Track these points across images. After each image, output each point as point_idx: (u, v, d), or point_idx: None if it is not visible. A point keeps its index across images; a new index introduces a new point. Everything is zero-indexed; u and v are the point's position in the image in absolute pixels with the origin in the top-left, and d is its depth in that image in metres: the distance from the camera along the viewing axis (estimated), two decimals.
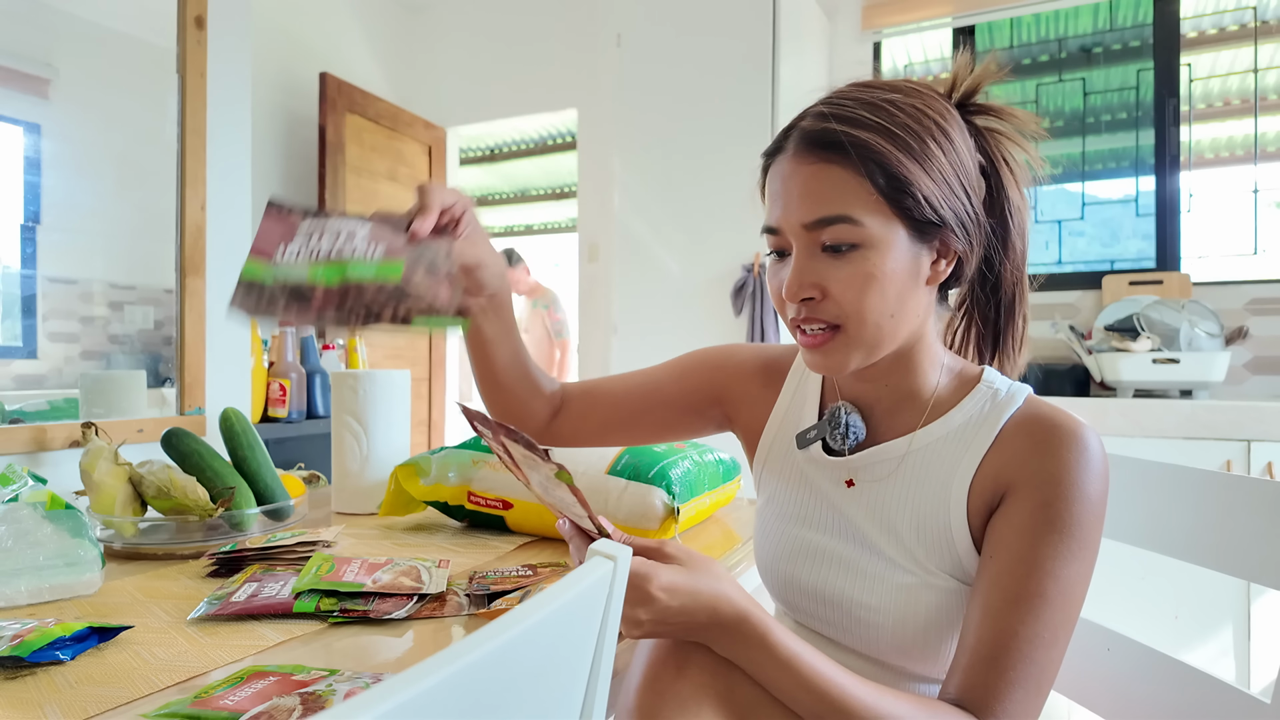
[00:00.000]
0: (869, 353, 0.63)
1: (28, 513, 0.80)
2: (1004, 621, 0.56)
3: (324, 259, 0.62)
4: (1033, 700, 0.55)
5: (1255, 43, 2.25)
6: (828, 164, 0.60)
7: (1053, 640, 0.56)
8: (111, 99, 1.39)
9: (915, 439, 0.66)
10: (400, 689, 0.26)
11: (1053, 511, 0.58)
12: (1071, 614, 0.58)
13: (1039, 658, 0.56)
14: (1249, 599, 1.66)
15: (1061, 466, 0.59)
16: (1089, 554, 0.59)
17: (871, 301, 0.60)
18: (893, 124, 0.59)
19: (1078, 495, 0.58)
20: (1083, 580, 0.58)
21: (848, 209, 0.59)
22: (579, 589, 0.38)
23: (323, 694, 0.54)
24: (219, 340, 1.51)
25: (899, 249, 0.60)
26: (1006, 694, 0.55)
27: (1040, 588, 0.57)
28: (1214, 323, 2.04)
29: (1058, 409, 0.63)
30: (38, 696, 0.56)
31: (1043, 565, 0.57)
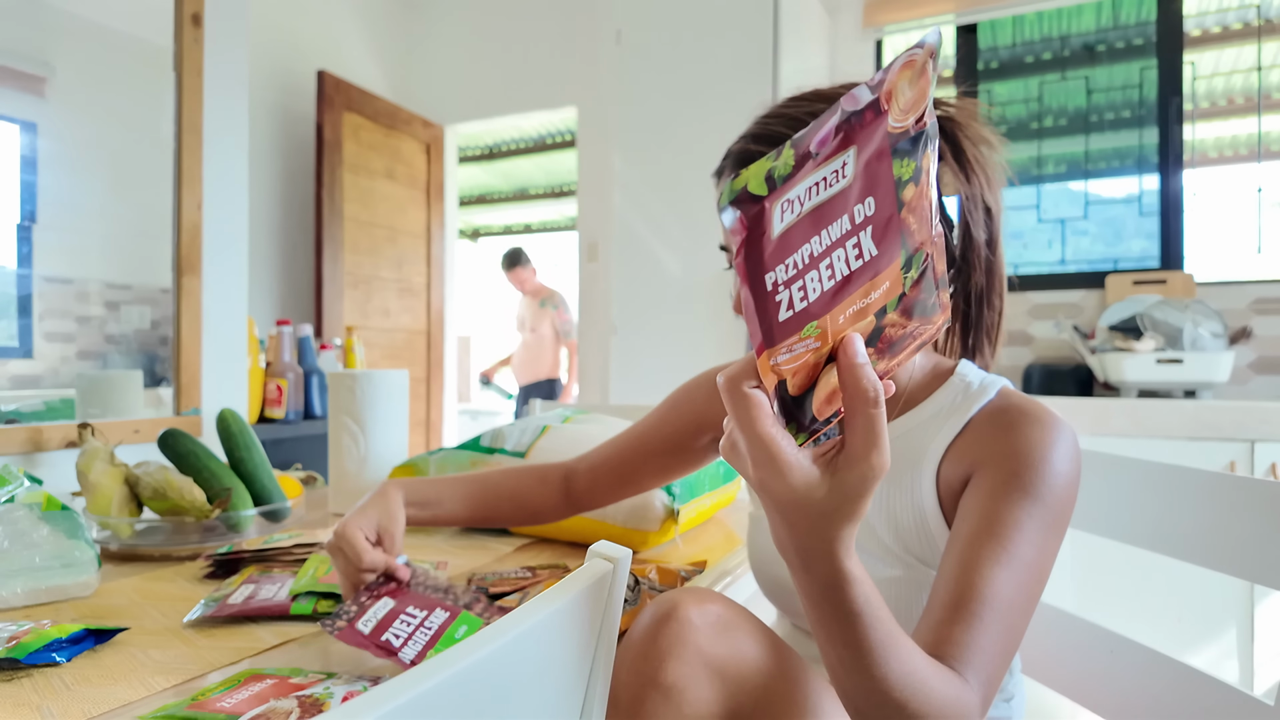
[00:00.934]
0: None
1: (24, 514, 0.80)
2: (976, 575, 0.55)
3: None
4: (1001, 659, 0.54)
5: (1259, 41, 2.24)
6: None
7: (1021, 603, 0.55)
8: (108, 97, 1.38)
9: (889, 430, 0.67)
10: (399, 691, 0.26)
11: (1022, 480, 0.58)
12: (1040, 583, 0.57)
13: (1008, 617, 0.54)
14: (1252, 601, 1.65)
15: (1029, 442, 0.59)
16: (1058, 528, 0.58)
17: None
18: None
19: (1046, 468, 0.58)
20: (1050, 554, 0.58)
21: None
22: (579, 590, 0.37)
23: (320, 697, 0.53)
24: (215, 340, 1.50)
25: None
26: (978, 647, 0.53)
27: (1012, 544, 0.56)
28: (1218, 322, 2.04)
29: (1032, 400, 0.64)
30: (34, 699, 0.55)
31: (1015, 523, 0.57)
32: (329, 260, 2.87)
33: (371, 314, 3.08)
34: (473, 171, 5.17)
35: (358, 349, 2.29)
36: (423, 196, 3.38)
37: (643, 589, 0.75)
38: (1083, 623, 0.82)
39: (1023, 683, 0.77)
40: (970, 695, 0.50)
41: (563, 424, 1.14)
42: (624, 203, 2.43)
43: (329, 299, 2.87)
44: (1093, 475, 0.83)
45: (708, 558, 0.94)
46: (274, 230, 2.87)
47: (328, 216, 2.86)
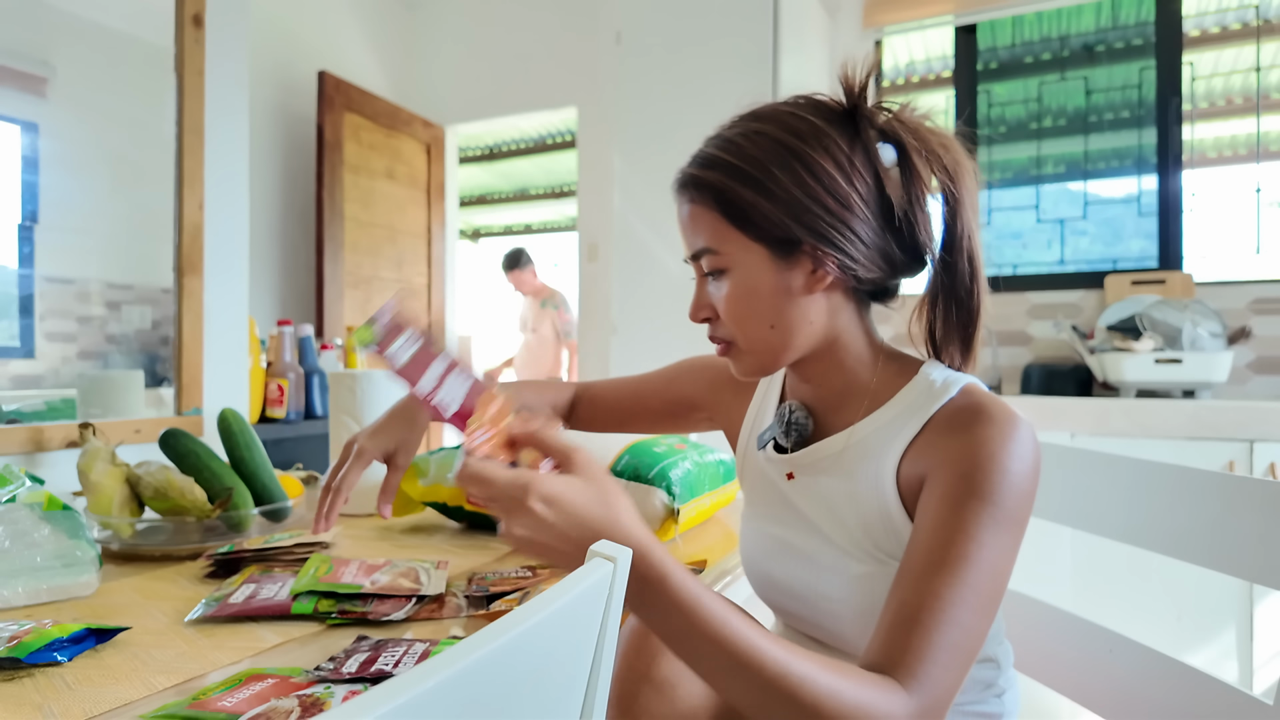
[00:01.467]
0: (765, 361, 0.69)
1: (25, 513, 0.80)
2: (925, 584, 0.55)
3: None
4: (954, 664, 0.53)
5: (1258, 41, 2.25)
6: (690, 203, 0.68)
7: (976, 605, 0.55)
8: (109, 98, 1.39)
9: (854, 432, 0.69)
10: (400, 691, 0.26)
11: (973, 482, 0.58)
12: (996, 584, 0.57)
13: (962, 620, 0.54)
14: (1251, 600, 1.65)
15: (980, 442, 0.60)
16: (1014, 528, 0.58)
17: (746, 318, 0.67)
18: (736, 157, 0.66)
19: (998, 468, 0.58)
20: (1006, 553, 0.58)
21: (708, 241, 0.67)
22: (579, 590, 0.37)
23: (321, 697, 0.53)
24: (216, 340, 1.50)
25: (761, 268, 0.66)
26: (926, 655, 0.53)
27: (962, 550, 0.56)
28: (1217, 322, 2.04)
29: (993, 398, 0.64)
30: (35, 698, 0.55)
31: (964, 529, 0.57)
32: (330, 260, 2.87)
33: (371, 314, 3.08)
34: (473, 172, 5.17)
35: (359, 349, 2.29)
36: (423, 197, 3.38)
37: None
38: (1082, 622, 0.83)
39: (1016, 679, 0.77)
40: (902, 702, 0.50)
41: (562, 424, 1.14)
42: (624, 203, 2.43)
43: (330, 299, 2.87)
44: (1091, 475, 0.83)
45: (707, 557, 0.94)
46: (275, 230, 2.87)
47: (328, 217, 2.86)
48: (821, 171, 0.64)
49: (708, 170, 0.67)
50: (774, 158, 0.65)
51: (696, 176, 0.68)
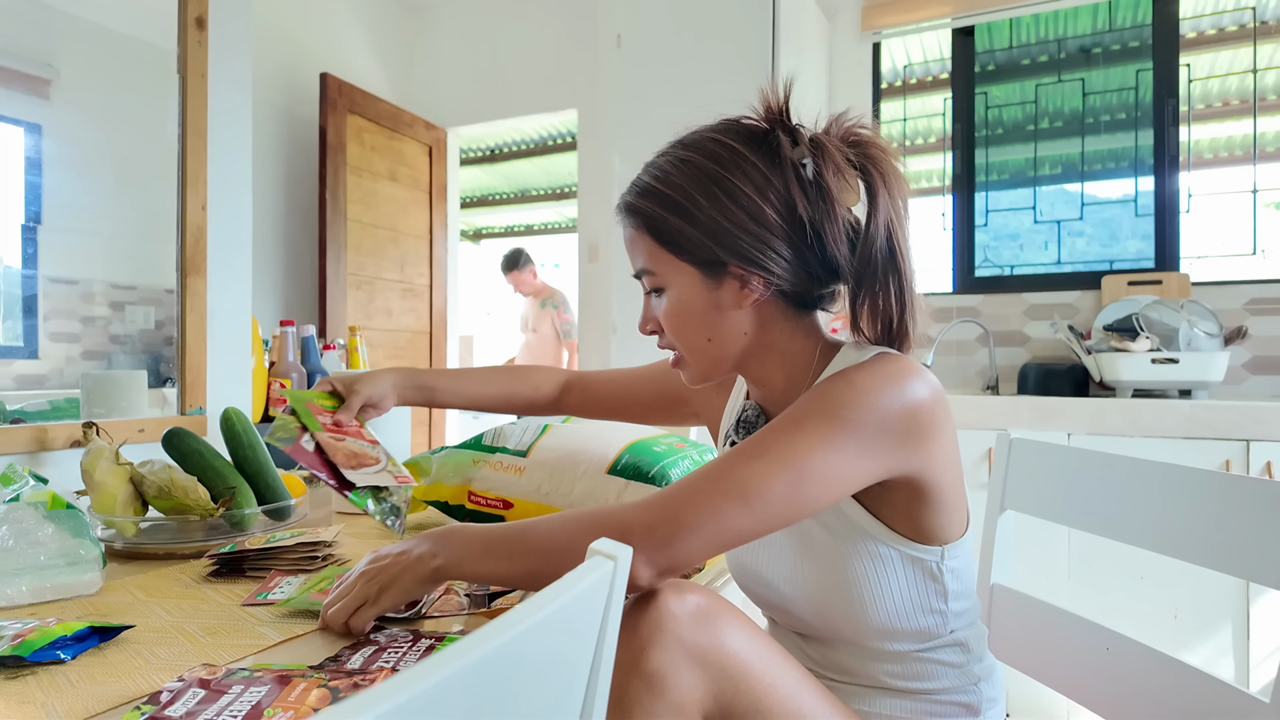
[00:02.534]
0: (708, 370, 0.75)
1: (29, 513, 0.80)
2: (713, 460, 0.63)
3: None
4: (701, 483, 0.60)
5: (1254, 43, 2.25)
6: (627, 227, 0.74)
7: (756, 454, 0.61)
8: (112, 99, 1.39)
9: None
10: (400, 689, 0.26)
11: (817, 392, 0.64)
12: (799, 453, 0.61)
13: (732, 460, 0.60)
14: (1248, 598, 1.66)
15: (845, 373, 0.65)
16: (852, 437, 0.62)
17: (685, 332, 0.73)
18: (663, 184, 0.71)
19: (845, 384, 0.63)
20: (834, 458, 0.61)
21: (644, 262, 0.73)
22: (579, 589, 0.38)
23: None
24: (220, 340, 1.51)
25: (692, 286, 0.71)
26: (681, 485, 0.60)
27: (763, 442, 0.62)
28: (1213, 323, 2.04)
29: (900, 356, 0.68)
30: (39, 696, 0.56)
31: (776, 425, 0.63)
32: (332, 261, 2.88)
33: (374, 314, 3.09)
34: (474, 173, 5.17)
35: (361, 349, 2.29)
36: (425, 198, 3.38)
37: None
38: (1079, 620, 0.83)
39: (996, 667, 0.77)
40: (624, 516, 0.60)
41: (563, 423, 1.15)
42: None
43: (332, 299, 2.87)
44: (1088, 474, 0.84)
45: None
46: (278, 231, 2.88)
47: (331, 218, 2.87)
48: (740, 195, 0.68)
49: (640, 199, 0.73)
50: (696, 185, 0.69)
51: (631, 204, 0.73)
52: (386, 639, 0.65)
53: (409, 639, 0.65)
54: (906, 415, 0.63)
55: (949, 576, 0.71)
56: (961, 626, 0.73)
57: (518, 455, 1.09)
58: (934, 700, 0.71)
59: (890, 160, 0.70)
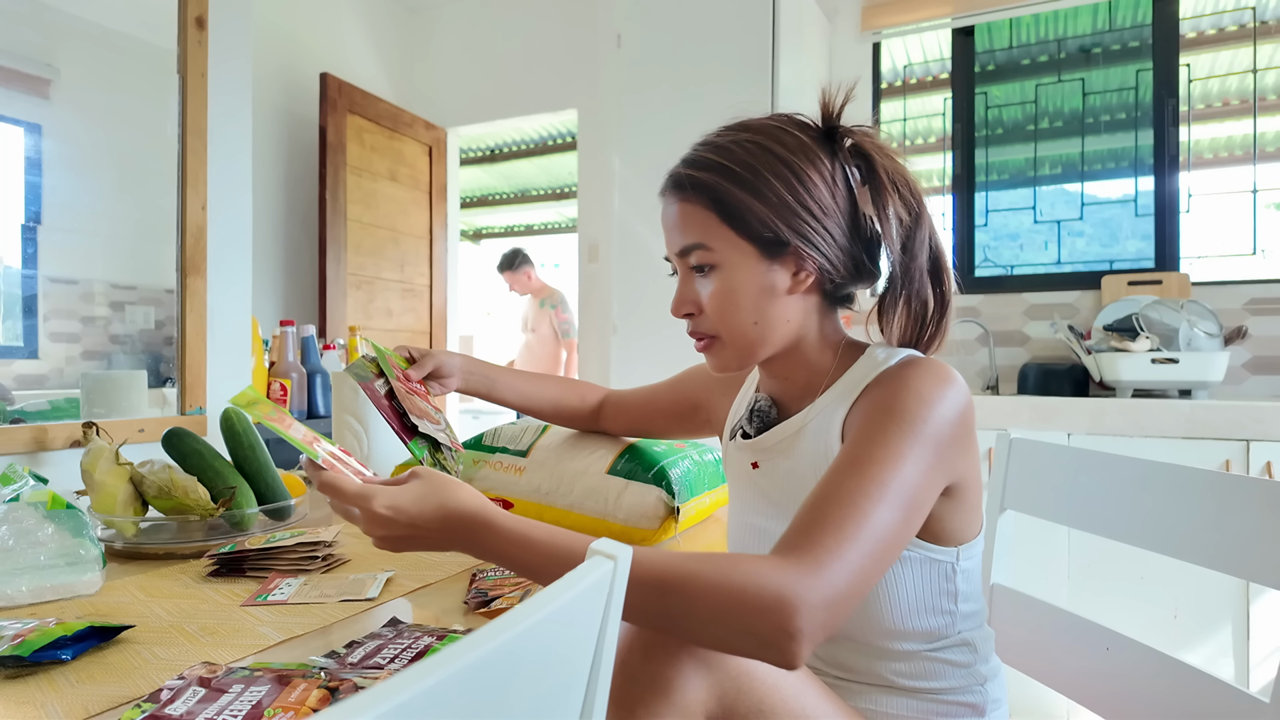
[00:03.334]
0: (745, 355, 0.73)
1: (29, 512, 0.80)
2: (834, 482, 0.59)
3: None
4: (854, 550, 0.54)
5: (1254, 43, 2.25)
6: (683, 201, 0.72)
7: (883, 501, 0.57)
8: (112, 99, 1.39)
9: (808, 412, 0.73)
10: (400, 689, 0.26)
11: (889, 406, 0.63)
12: (911, 492, 0.59)
13: (865, 508, 0.56)
14: (1248, 598, 1.66)
15: (903, 381, 0.65)
16: (931, 447, 0.61)
17: (732, 313, 0.71)
18: (731, 161, 0.70)
19: (914, 395, 0.63)
20: (923, 470, 0.60)
21: (700, 237, 0.71)
22: (579, 589, 0.38)
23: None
24: (220, 340, 1.51)
25: (750, 267, 0.70)
26: (821, 533, 0.55)
27: (869, 453, 0.60)
28: (1213, 323, 2.04)
29: (932, 359, 0.69)
30: (38, 696, 0.56)
31: (876, 439, 0.61)
32: (332, 261, 2.88)
33: (374, 314, 3.09)
34: (474, 173, 5.18)
35: (361, 349, 2.29)
36: (425, 198, 3.38)
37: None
38: (1079, 620, 0.83)
39: (1001, 668, 0.77)
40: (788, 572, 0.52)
41: None
42: (624, 204, 2.44)
43: (332, 299, 2.87)
44: (1088, 474, 0.84)
45: None
46: (278, 231, 2.88)
47: (331, 218, 2.87)
48: (808, 180, 0.69)
49: (702, 171, 0.71)
50: (765, 164, 0.69)
51: (691, 176, 0.71)
52: (379, 641, 0.65)
53: (408, 639, 0.65)
54: (961, 420, 0.64)
55: (961, 577, 0.71)
56: (970, 628, 0.73)
57: (518, 455, 1.09)
58: (940, 700, 0.71)
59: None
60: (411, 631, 0.67)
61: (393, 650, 0.62)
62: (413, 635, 0.66)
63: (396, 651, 0.62)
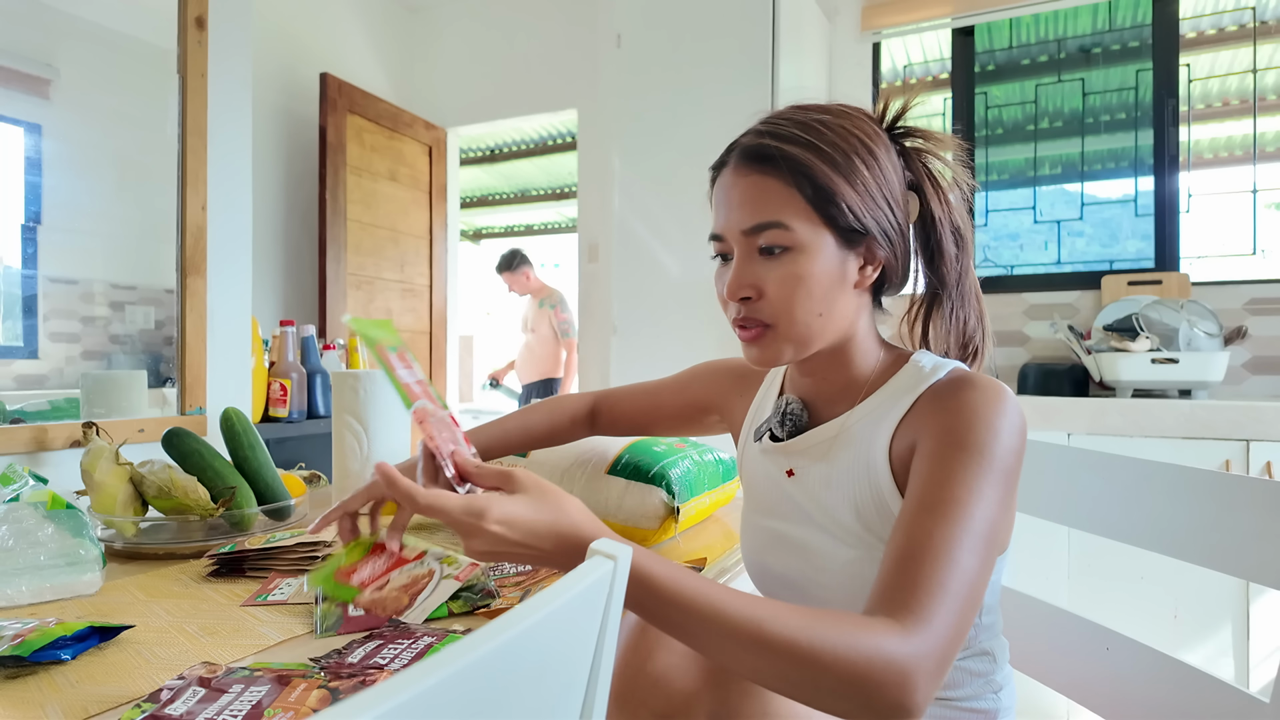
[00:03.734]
0: (799, 348, 0.69)
1: (29, 513, 0.80)
2: (920, 527, 0.56)
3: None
4: (955, 606, 0.53)
5: (1254, 43, 2.25)
6: (763, 175, 0.66)
7: (972, 548, 0.55)
8: (112, 99, 1.39)
9: (848, 418, 0.70)
10: (400, 689, 0.26)
11: (959, 436, 0.60)
12: (990, 532, 0.57)
13: (960, 562, 0.54)
14: (1248, 598, 1.66)
15: (966, 404, 0.62)
16: (1003, 480, 0.59)
17: (800, 300, 0.66)
18: (821, 141, 0.66)
19: (984, 424, 0.60)
20: (998, 505, 0.58)
21: (779, 215, 0.65)
22: (579, 589, 0.38)
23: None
24: (220, 340, 1.51)
25: (826, 253, 0.66)
26: (926, 593, 0.52)
27: (954, 495, 0.57)
28: (1213, 323, 2.04)
29: (979, 374, 0.66)
30: (39, 696, 0.56)
31: (955, 477, 0.58)
32: (332, 261, 2.88)
33: (374, 314, 3.09)
34: (474, 173, 5.17)
35: (361, 349, 2.29)
36: (425, 198, 3.38)
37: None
38: (1079, 620, 0.83)
39: (1012, 675, 0.77)
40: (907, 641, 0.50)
41: None
42: (624, 204, 2.44)
43: (332, 299, 2.87)
44: (1088, 474, 0.84)
45: (707, 555, 0.94)
46: (278, 231, 2.88)
47: (331, 218, 2.87)
48: (887, 172, 0.67)
49: (789, 145, 0.65)
50: (852, 148, 0.66)
51: (779, 149, 0.65)
52: (378, 641, 0.65)
53: (408, 639, 0.65)
54: (1023, 442, 0.63)
55: (988, 591, 0.70)
56: (989, 638, 0.72)
57: (518, 456, 1.09)
58: (954, 706, 0.71)
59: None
60: (411, 632, 0.67)
61: (393, 650, 0.62)
62: (413, 635, 0.66)
63: (396, 651, 0.62)
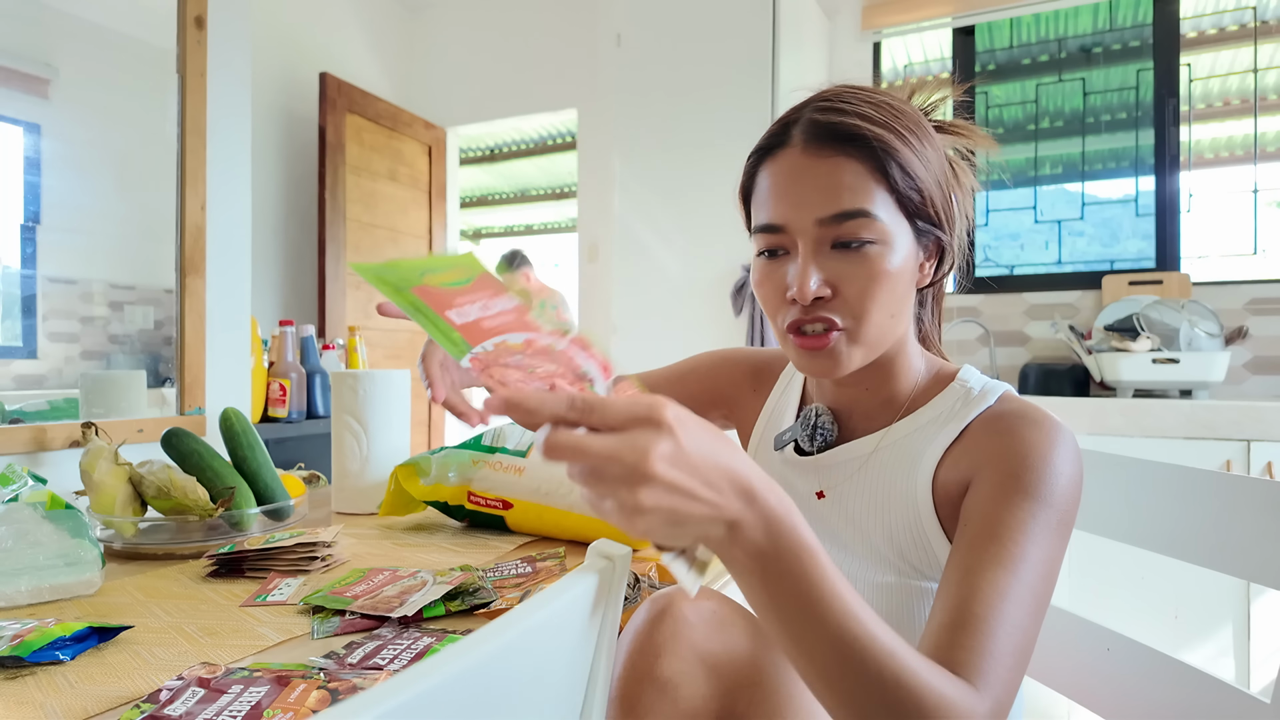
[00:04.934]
0: (868, 353, 0.62)
1: (28, 513, 0.80)
2: (982, 580, 0.51)
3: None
4: (1016, 665, 0.50)
5: (1255, 43, 2.25)
6: (845, 157, 0.58)
7: (1032, 605, 0.52)
8: (111, 99, 1.39)
9: (888, 434, 0.66)
10: (400, 689, 0.26)
11: (1022, 481, 0.55)
12: (1048, 585, 0.54)
13: (1020, 620, 0.51)
14: (1249, 599, 1.66)
15: (1027, 443, 0.57)
16: (1063, 529, 0.56)
17: (880, 299, 0.59)
18: (897, 122, 0.59)
19: (1046, 467, 0.56)
20: (1058, 553, 0.55)
21: (866, 203, 0.57)
22: (579, 589, 0.38)
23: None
24: (219, 340, 1.51)
25: (906, 247, 0.60)
26: (992, 655, 0.48)
27: (1017, 547, 0.53)
28: (1214, 323, 2.04)
29: (1032, 405, 0.62)
30: (38, 696, 0.56)
31: (1018, 526, 0.54)
32: (332, 261, 2.88)
33: (374, 314, 3.09)
34: (474, 173, 5.17)
35: (360, 349, 2.29)
36: (425, 198, 3.38)
37: (643, 587, 0.76)
38: (1080, 620, 0.83)
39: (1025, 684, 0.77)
40: (979, 702, 0.46)
41: None
42: (624, 204, 2.43)
43: (332, 299, 2.87)
44: (1089, 474, 0.84)
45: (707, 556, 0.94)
46: (277, 231, 2.88)
47: (330, 217, 2.87)
48: (939, 159, 0.61)
49: (872, 125, 0.58)
50: (922, 134, 0.60)
51: (864, 127, 0.58)
52: (378, 641, 0.65)
53: (408, 639, 0.65)
54: (1080, 485, 0.59)
55: None
56: None
57: (517, 455, 1.09)
58: None
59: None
60: (411, 632, 0.67)
61: (392, 651, 0.62)
62: (412, 636, 0.66)
63: (396, 652, 0.62)
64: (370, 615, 0.70)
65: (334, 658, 0.61)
